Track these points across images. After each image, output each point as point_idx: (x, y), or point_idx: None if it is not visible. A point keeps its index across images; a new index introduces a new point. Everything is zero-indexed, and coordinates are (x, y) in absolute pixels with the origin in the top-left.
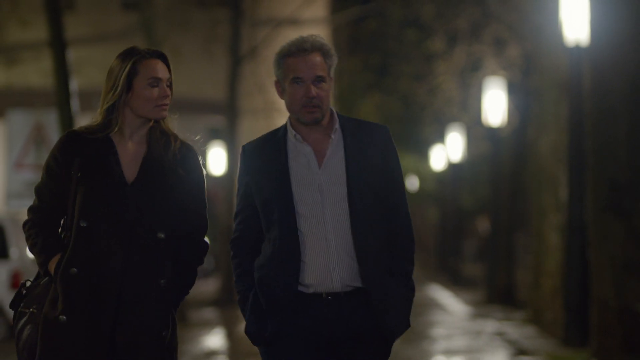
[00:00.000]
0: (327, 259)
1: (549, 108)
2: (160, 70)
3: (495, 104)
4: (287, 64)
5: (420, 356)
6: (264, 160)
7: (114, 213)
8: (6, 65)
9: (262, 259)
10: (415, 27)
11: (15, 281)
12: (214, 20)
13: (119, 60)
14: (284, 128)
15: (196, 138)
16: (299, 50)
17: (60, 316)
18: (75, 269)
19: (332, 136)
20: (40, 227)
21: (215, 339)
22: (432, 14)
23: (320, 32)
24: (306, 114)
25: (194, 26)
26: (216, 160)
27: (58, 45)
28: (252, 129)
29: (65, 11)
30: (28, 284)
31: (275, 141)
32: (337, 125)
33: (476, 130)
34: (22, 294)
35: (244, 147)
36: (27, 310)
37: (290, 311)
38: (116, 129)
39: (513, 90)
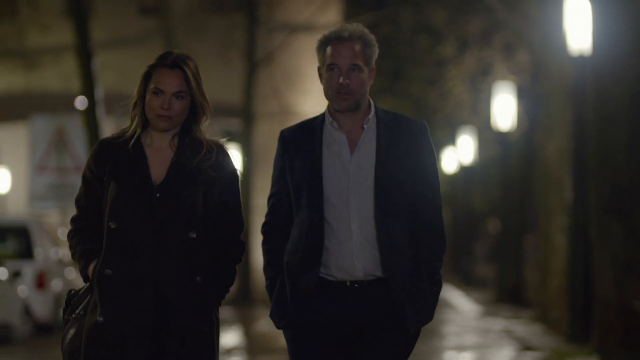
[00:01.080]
0: (350, 246)
1: (556, 114)
2: (168, 82)
3: (504, 109)
4: (326, 51)
5: (431, 352)
6: (299, 145)
7: (142, 214)
8: (26, 69)
9: (290, 244)
10: (426, 32)
11: (40, 281)
12: (230, 25)
13: None
14: (322, 115)
15: (223, 139)
16: (337, 37)
17: (99, 318)
18: (110, 270)
19: (365, 126)
20: (80, 235)
21: (233, 337)
22: (443, 20)
23: None
24: (339, 100)
25: (210, 31)
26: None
27: (83, 51)
28: (267, 132)
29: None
30: (73, 292)
31: (312, 127)
32: (370, 115)
33: (487, 133)
34: (69, 302)
35: (282, 131)
36: (71, 317)
37: (313, 297)
38: (135, 128)
39: (522, 94)
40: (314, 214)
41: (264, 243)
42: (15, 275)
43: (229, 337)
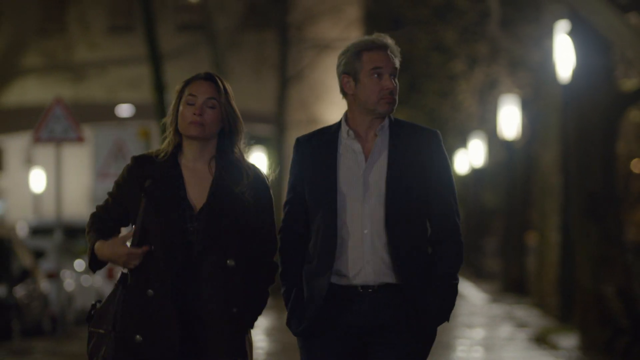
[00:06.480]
0: (362, 252)
1: (550, 128)
2: (200, 89)
3: (510, 119)
4: (366, 57)
5: (445, 329)
6: (314, 153)
7: (183, 240)
8: (73, 82)
9: (308, 251)
10: (439, 51)
11: (109, 272)
12: (263, 43)
13: None
14: (338, 124)
15: (251, 145)
16: (380, 45)
17: (136, 336)
18: (152, 291)
19: (378, 134)
20: (96, 220)
21: (269, 320)
22: (455, 39)
23: None
24: (384, 104)
25: (245, 48)
26: (258, 166)
27: (155, 61)
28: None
29: (124, 32)
30: (98, 305)
31: (328, 135)
32: (384, 123)
33: (495, 139)
34: (91, 314)
35: (298, 139)
36: (97, 331)
37: (325, 304)
38: (170, 148)
39: (526, 106)
40: (328, 221)
41: (280, 251)
42: None
43: (267, 320)
